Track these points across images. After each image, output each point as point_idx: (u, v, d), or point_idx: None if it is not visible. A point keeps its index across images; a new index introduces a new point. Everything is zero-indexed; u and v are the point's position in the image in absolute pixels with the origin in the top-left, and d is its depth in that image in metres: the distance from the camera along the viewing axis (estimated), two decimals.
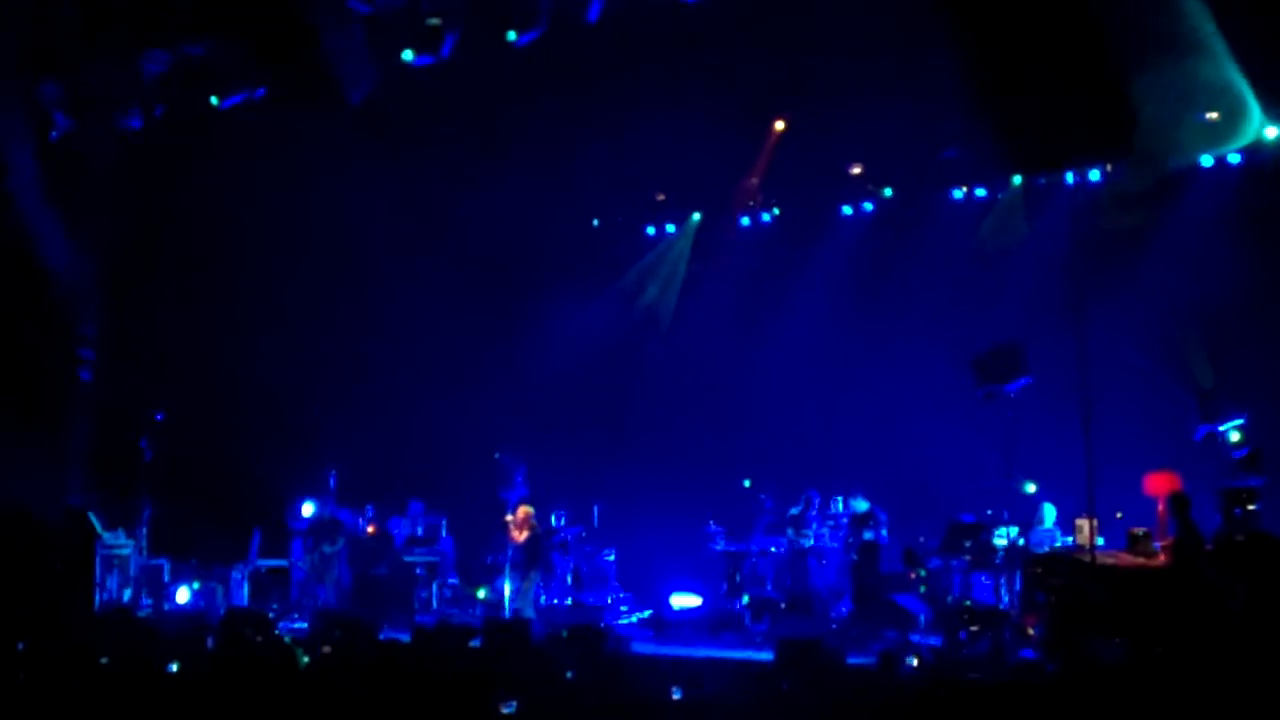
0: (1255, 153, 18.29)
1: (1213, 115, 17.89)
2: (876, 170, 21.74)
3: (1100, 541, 15.81)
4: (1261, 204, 18.11)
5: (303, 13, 17.01)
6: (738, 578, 19.83)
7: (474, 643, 13.88)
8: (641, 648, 16.27)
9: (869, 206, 22.11)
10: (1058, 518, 17.83)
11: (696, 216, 23.67)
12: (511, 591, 19.18)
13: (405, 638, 13.84)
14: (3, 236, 19.59)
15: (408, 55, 17.70)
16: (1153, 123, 14.99)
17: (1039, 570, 16.04)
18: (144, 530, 20.74)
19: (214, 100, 19.23)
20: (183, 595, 20.39)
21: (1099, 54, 12.34)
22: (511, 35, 17.18)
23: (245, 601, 20.36)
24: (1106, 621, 14.42)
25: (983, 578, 17.51)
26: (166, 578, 20.56)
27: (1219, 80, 16.71)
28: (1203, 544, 14.62)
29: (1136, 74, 13.30)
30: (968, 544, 17.57)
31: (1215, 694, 9.61)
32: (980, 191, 21.06)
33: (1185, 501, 14.90)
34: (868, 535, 18.72)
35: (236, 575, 20.79)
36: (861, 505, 19.12)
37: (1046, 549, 17.19)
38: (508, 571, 19.38)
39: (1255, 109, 17.39)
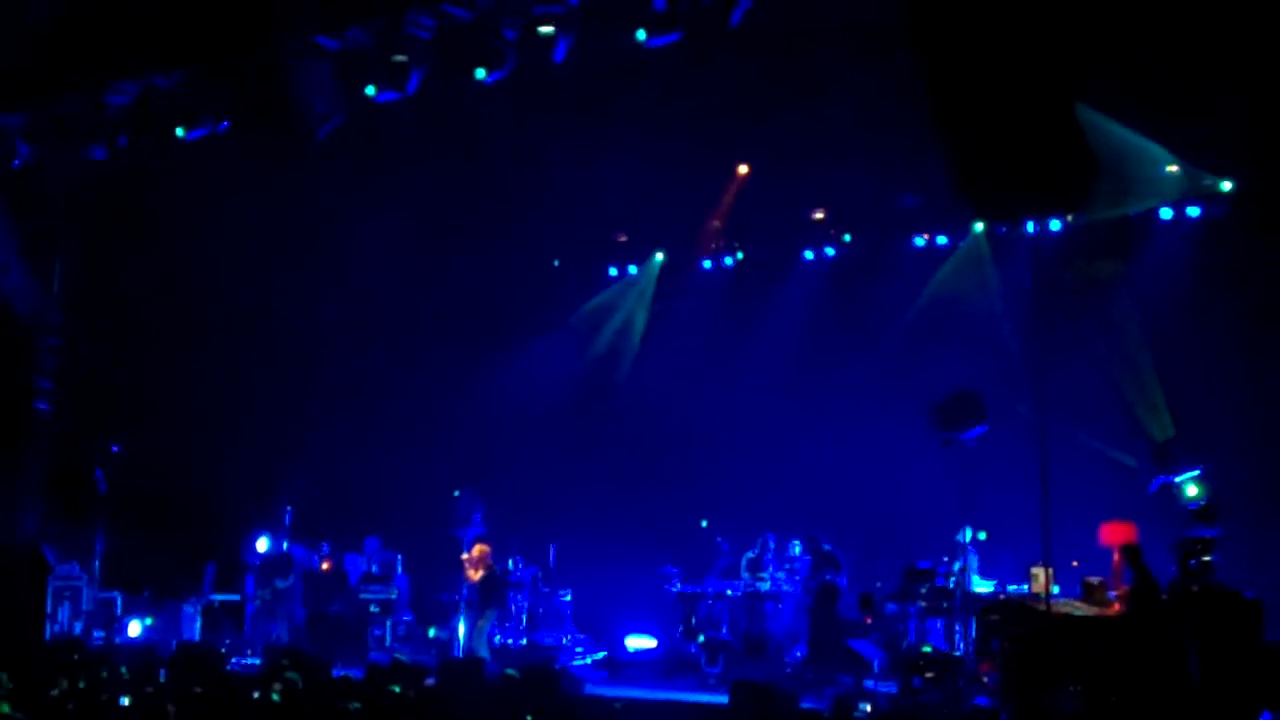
0: (1213, 205, 18.50)
1: (1173, 168, 18.17)
2: (839, 216, 21.84)
3: (1056, 590, 15.84)
4: (1219, 256, 18.25)
5: (269, 47, 17.04)
6: (693, 620, 19.73)
7: (428, 681, 13.84)
8: (596, 689, 16.21)
9: (831, 251, 22.18)
10: (1011, 565, 17.83)
11: (659, 258, 23.71)
12: (466, 631, 19.08)
13: (358, 675, 13.79)
14: None
15: (370, 90, 17.69)
16: (1110, 173, 15.10)
17: (994, 618, 16.05)
18: (97, 562, 20.61)
19: (179, 132, 19.18)
20: (134, 628, 20.24)
21: (1060, 104, 12.42)
22: (480, 73, 17.18)
23: (197, 636, 20.21)
24: (1061, 670, 14.42)
25: (937, 624, 17.53)
26: (119, 610, 20.42)
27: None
28: (1158, 594, 14.66)
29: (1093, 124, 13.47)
30: (923, 589, 17.59)
31: None
32: (941, 239, 21.15)
33: (1139, 551, 14.93)
34: (828, 577, 18.68)
35: (189, 609, 20.64)
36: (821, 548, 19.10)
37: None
38: (462, 610, 19.29)
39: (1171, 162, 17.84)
